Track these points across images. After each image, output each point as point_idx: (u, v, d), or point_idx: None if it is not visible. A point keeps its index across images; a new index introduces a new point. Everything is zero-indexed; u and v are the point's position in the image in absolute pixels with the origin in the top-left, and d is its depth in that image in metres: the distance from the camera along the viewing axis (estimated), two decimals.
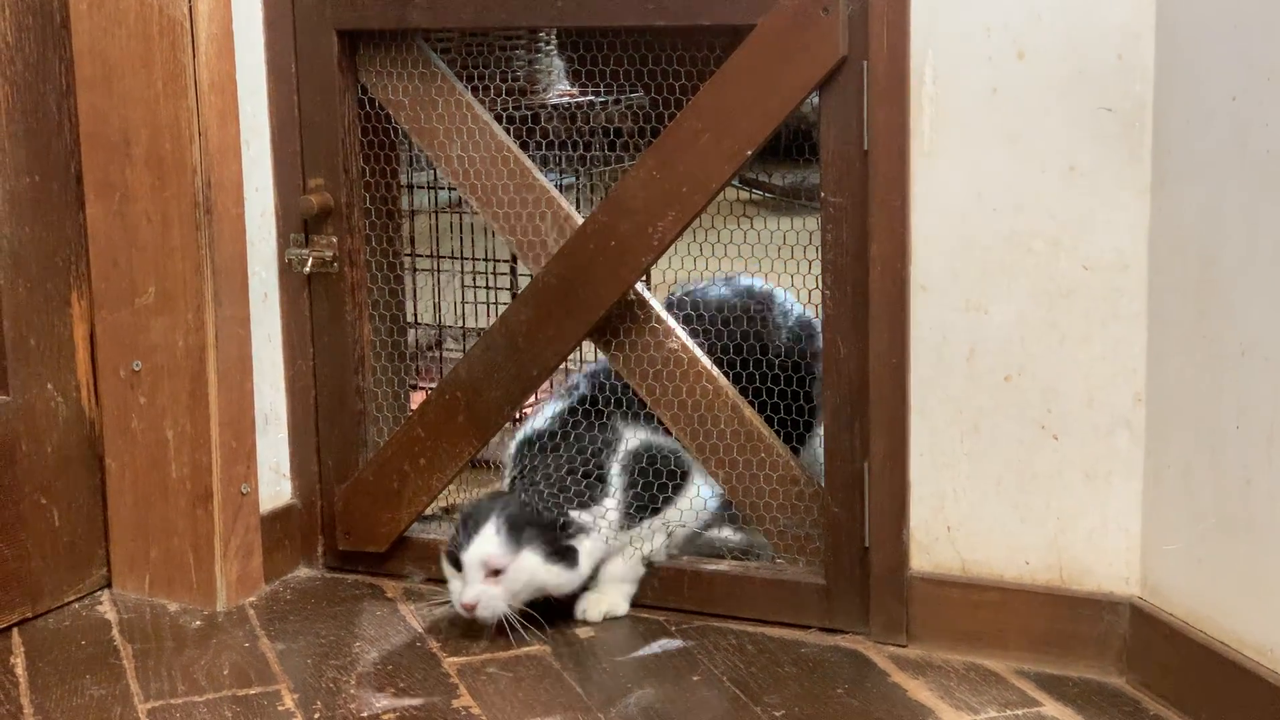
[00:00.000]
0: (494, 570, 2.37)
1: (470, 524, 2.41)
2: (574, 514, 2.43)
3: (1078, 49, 2.15)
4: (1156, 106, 2.13)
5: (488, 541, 2.37)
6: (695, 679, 2.29)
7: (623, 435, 2.53)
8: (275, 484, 2.70)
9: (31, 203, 2.47)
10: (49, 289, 2.51)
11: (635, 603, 2.52)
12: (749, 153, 2.36)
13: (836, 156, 2.31)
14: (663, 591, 2.51)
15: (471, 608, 2.37)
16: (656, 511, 2.50)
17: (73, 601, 2.59)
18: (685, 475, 2.52)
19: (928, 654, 2.34)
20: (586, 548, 2.44)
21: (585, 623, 2.47)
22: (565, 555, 2.42)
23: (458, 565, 2.40)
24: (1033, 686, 2.24)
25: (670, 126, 2.39)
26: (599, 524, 2.45)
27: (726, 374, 2.49)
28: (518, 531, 2.39)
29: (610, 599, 2.51)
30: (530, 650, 2.38)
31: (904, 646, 2.36)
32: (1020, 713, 2.16)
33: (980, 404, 2.28)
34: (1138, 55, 2.13)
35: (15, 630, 2.49)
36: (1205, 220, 2.06)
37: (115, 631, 2.49)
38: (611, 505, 2.47)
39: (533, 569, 2.39)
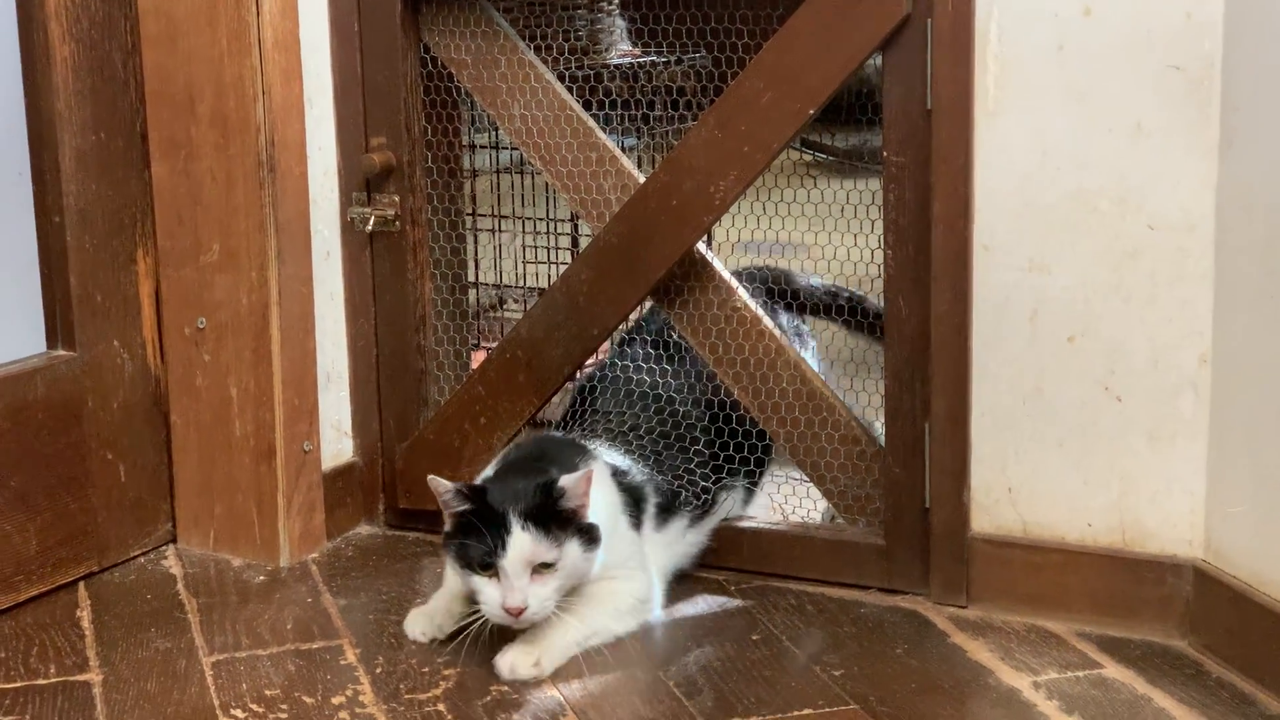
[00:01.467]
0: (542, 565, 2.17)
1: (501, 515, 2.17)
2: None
3: (1146, 6, 2.13)
4: (1225, 65, 2.11)
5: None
6: (754, 639, 2.29)
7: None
8: (337, 442, 2.72)
9: (98, 160, 2.49)
10: (115, 246, 2.54)
11: (695, 562, 2.52)
12: (811, 112, 2.35)
13: (899, 116, 2.30)
14: (722, 552, 2.51)
15: (520, 611, 2.16)
16: None
17: (138, 556, 2.62)
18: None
19: (987, 615, 2.34)
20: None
21: None
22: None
23: (487, 566, 2.17)
24: (1094, 649, 2.23)
25: (732, 86, 2.39)
26: None
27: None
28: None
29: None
30: None
31: (964, 608, 2.35)
32: (1081, 674, 2.16)
33: (1043, 365, 2.27)
34: (1206, 13, 2.11)
35: (82, 584, 2.52)
36: (1274, 179, 2.03)
37: (180, 586, 2.52)
38: None
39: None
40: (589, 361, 2.72)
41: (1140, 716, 2.04)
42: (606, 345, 2.68)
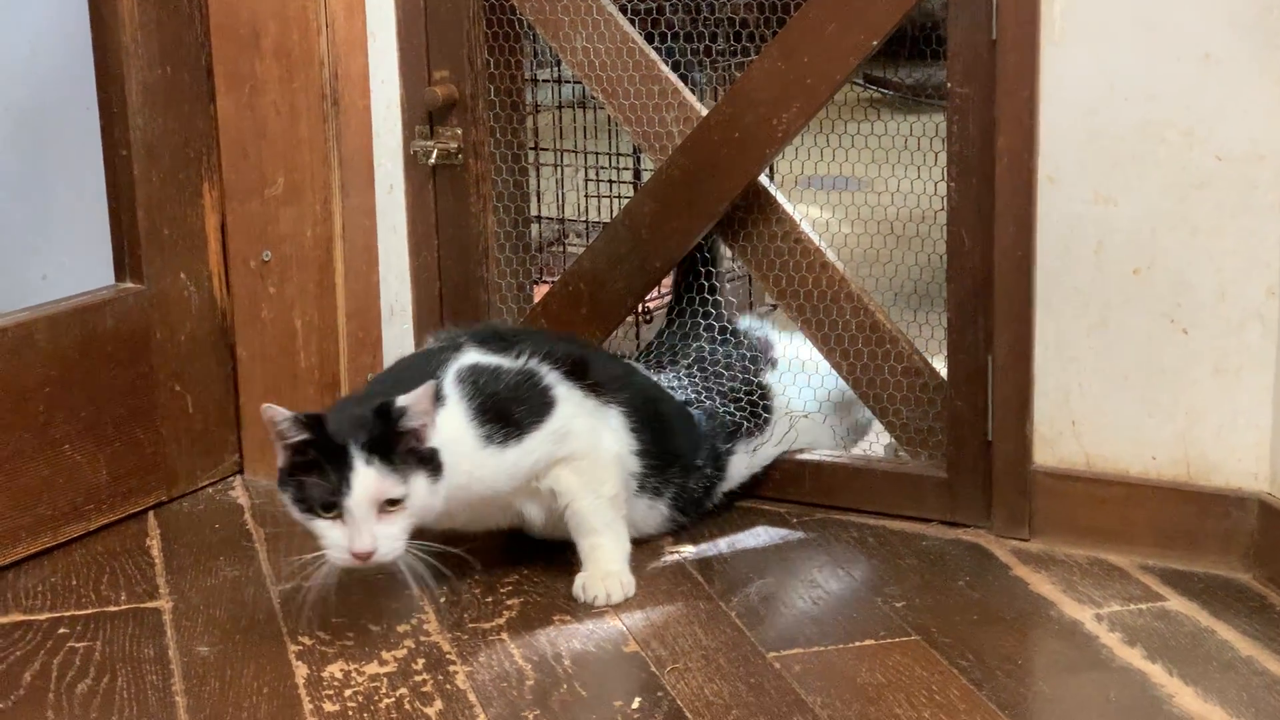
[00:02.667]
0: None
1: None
2: None
3: None
4: None
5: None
6: (816, 570, 2.30)
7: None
8: None
9: (164, 94, 2.51)
10: (181, 180, 2.56)
11: (758, 495, 2.53)
12: (874, 43, 2.33)
13: (964, 46, 2.28)
14: (784, 484, 2.52)
15: (368, 555, 2.04)
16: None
17: (206, 486, 2.65)
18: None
19: (1050, 548, 2.34)
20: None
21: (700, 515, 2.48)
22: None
23: (330, 507, 2.03)
24: (1157, 581, 2.23)
25: (795, 17, 2.37)
26: None
27: None
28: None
29: None
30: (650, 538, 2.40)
31: (1026, 540, 2.35)
32: (1144, 607, 2.15)
33: (1108, 297, 2.25)
34: None
35: (151, 513, 2.55)
36: None
37: (247, 516, 2.55)
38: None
39: None
40: (650, 295, 2.73)
41: (1203, 649, 2.04)
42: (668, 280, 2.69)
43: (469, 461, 2.12)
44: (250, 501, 2.60)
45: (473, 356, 2.21)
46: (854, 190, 2.66)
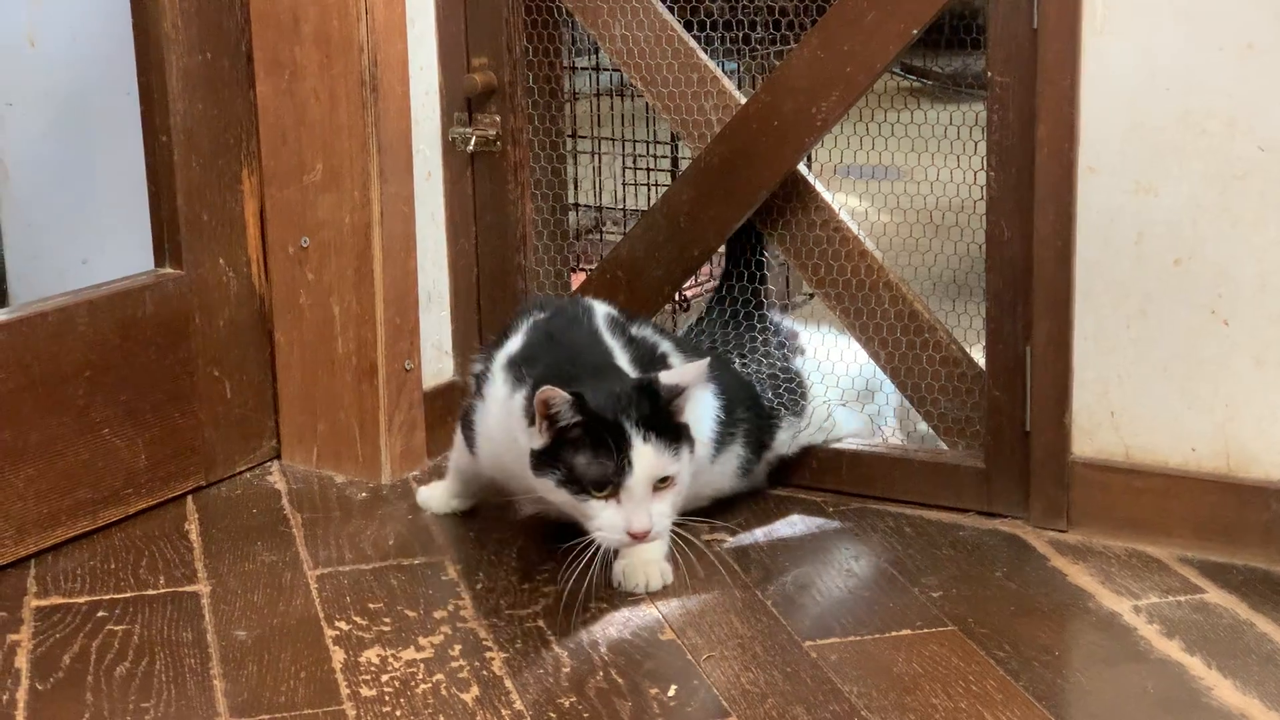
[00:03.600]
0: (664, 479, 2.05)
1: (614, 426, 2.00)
2: None
3: None
4: None
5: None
6: (852, 560, 2.30)
7: None
8: (438, 361, 2.74)
9: (204, 80, 2.52)
10: (220, 165, 2.56)
11: (794, 484, 2.52)
12: (915, 32, 2.33)
13: (1004, 35, 2.27)
14: (820, 473, 2.52)
15: (646, 533, 2.04)
16: None
17: (244, 471, 2.66)
18: None
19: (1088, 540, 2.33)
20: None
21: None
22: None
23: (603, 486, 2.02)
24: (1196, 573, 2.22)
25: (835, 5, 2.37)
26: None
27: None
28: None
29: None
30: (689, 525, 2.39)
31: (1064, 532, 2.35)
32: (1183, 599, 2.14)
33: (1148, 288, 2.24)
34: None
35: (190, 498, 2.56)
36: None
37: (285, 501, 2.56)
38: None
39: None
40: (687, 284, 2.73)
41: (1242, 641, 2.03)
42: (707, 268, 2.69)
43: None
44: (288, 486, 2.61)
45: (602, 308, 2.26)
46: (892, 179, 2.66)
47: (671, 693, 1.95)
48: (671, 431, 2.03)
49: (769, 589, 2.21)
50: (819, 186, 2.49)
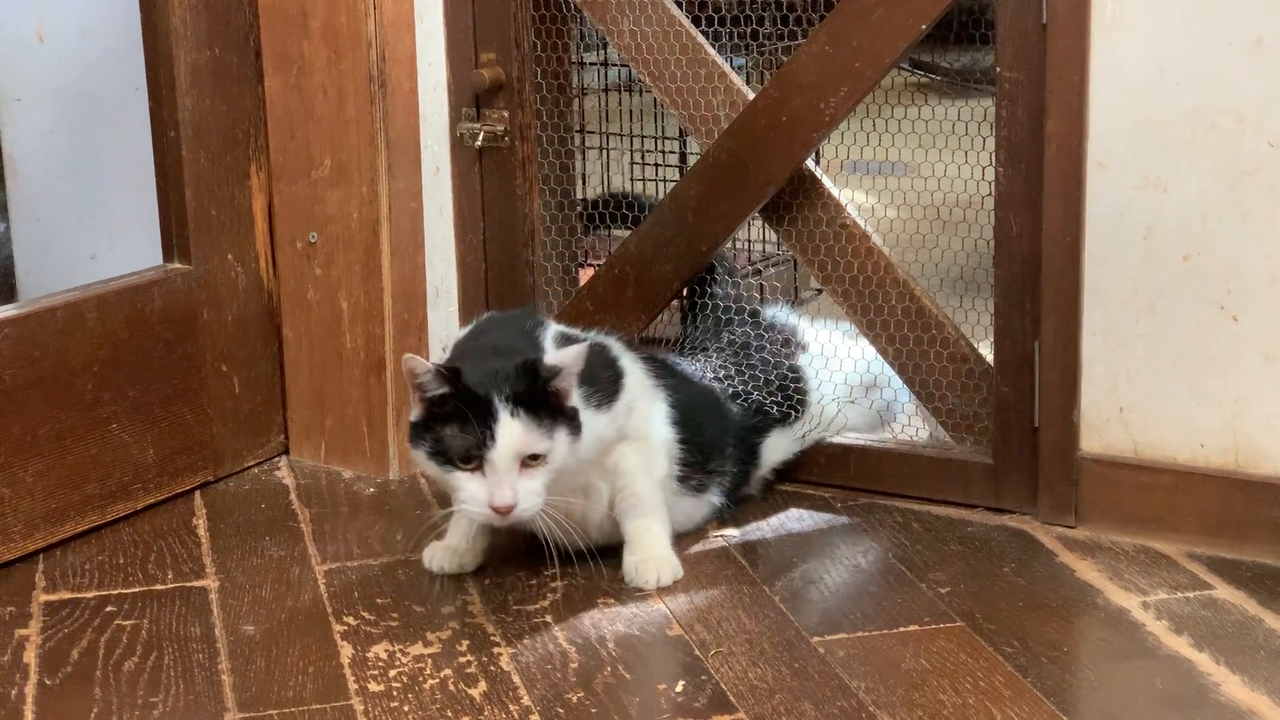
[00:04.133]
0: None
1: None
2: None
3: None
4: None
5: None
6: (860, 555, 2.30)
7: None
8: (445, 357, 2.74)
9: (212, 75, 2.52)
10: (229, 161, 2.56)
11: (802, 479, 2.52)
12: (923, 27, 2.32)
13: (1013, 30, 2.27)
14: (828, 468, 2.52)
15: (509, 509, 2.06)
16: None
17: (252, 466, 2.66)
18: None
19: (1096, 535, 2.33)
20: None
21: (746, 501, 2.48)
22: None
23: (470, 459, 2.04)
24: (1204, 569, 2.21)
25: (843, 0, 2.36)
26: None
27: None
28: None
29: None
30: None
31: (1072, 527, 2.34)
32: (1191, 595, 2.14)
33: (1157, 284, 2.24)
34: None
35: (198, 493, 2.56)
36: None
37: (293, 496, 2.56)
38: None
39: None
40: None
41: (1251, 638, 2.03)
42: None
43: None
44: (296, 482, 2.61)
45: (557, 326, 2.24)
46: (900, 175, 2.65)
47: (679, 688, 1.95)
48: (547, 410, 2.04)
49: (776, 584, 2.21)
50: (827, 182, 2.49)
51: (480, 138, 2.64)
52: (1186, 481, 2.27)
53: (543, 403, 2.05)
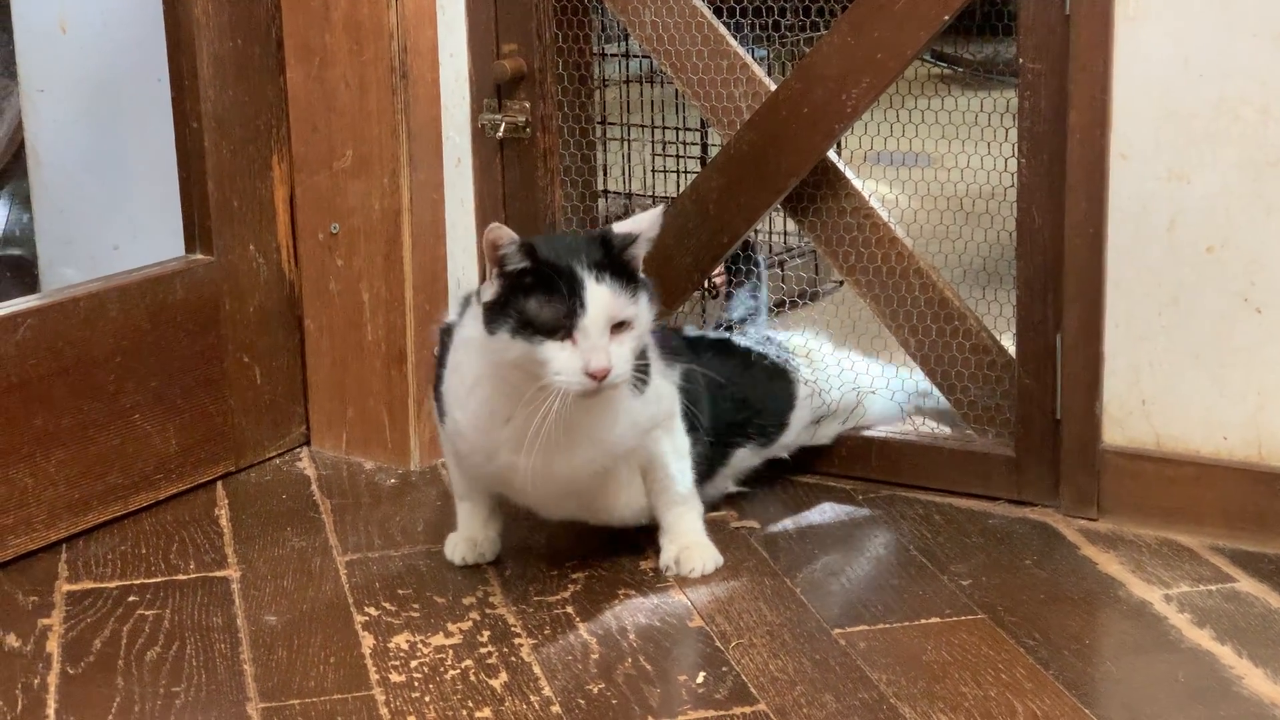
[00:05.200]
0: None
1: None
2: None
3: None
4: None
5: None
6: (882, 547, 2.30)
7: None
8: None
9: (234, 66, 2.52)
10: (251, 152, 2.57)
11: (823, 472, 2.52)
12: (946, 18, 2.32)
13: (1036, 21, 2.26)
14: (850, 461, 2.51)
15: (605, 372, 1.98)
16: None
17: (274, 457, 2.67)
18: None
19: (1118, 528, 2.32)
20: None
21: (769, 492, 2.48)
22: None
23: (556, 330, 1.97)
24: (1227, 562, 2.21)
25: None
26: None
27: None
28: None
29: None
30: (716, 515, 2.39)
31: (1094, 520, 2.34)
32: (1214, 588, 2.14)
33: (1180, 276, 2.23)
34: None
35: (220, 483, 2.57)
36: None
37: (314, 487, 2.56)
38: None
39: None
40: (716, 271, 2.72)
41: (1273, 630, 2.02)
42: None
43: None
44: (317, 472, 2.62)
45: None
46: (923, 166, 2.65)
47: (700, 680, 1.95)
48: (628, 276, 2.01)
49: (798, 576, 2.21)
50: (849, 174, 2.48)
51: (502, 129, 2.64)
52: (1209, 474, 2.26)
53: (623, 268, 2.01)
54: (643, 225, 2.04)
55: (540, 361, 1.97)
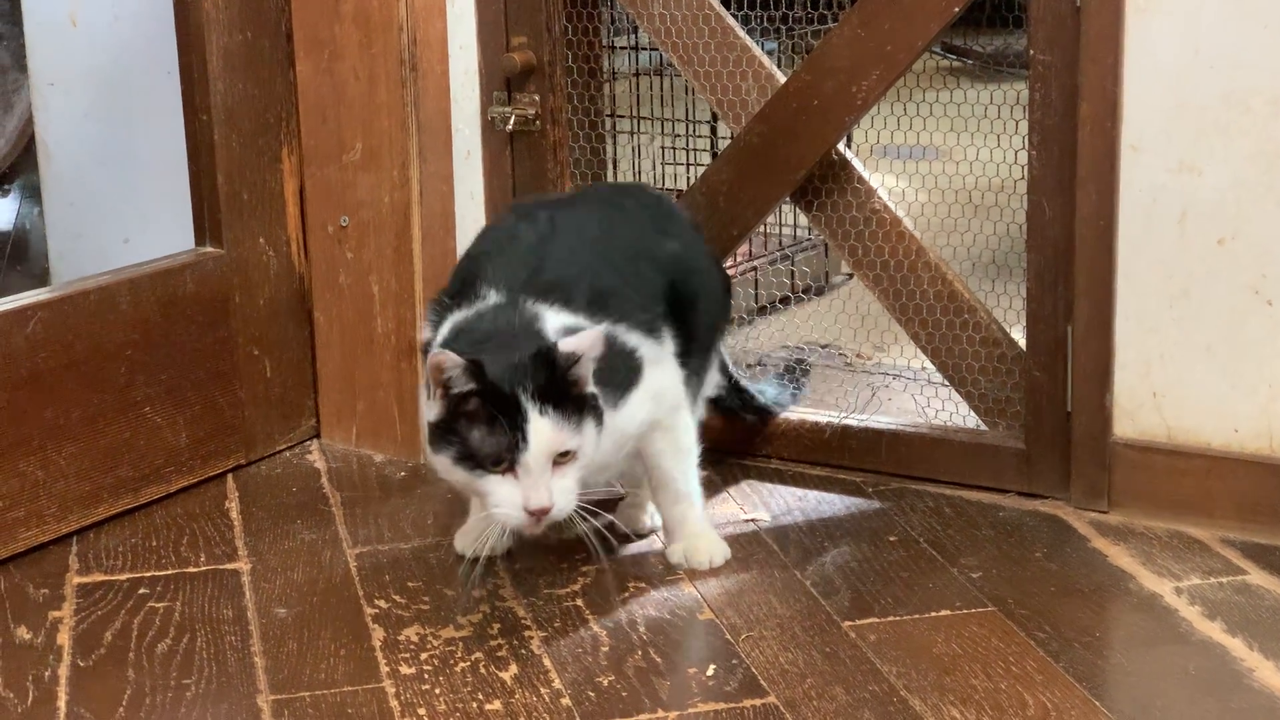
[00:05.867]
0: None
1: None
2: None
3: None
4: None
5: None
6: (891, 540, 2.29)
7: None
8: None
9: (244, 59, 2.52)
10: (260, 145, 2.57)
11: (833, 464, 2.52)
12: (956, 10, 2.31)
13: (1047, 13, 2.26)
14: (860, 453, 2.51)
15: (545, 511, 1.94)
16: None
17: (284, 450, 2.67)
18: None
19: (1129, 521, 2.32)
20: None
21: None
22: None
23: (499, 462, 1.93)
24: (1238, 555, 2.20)
25: None
26: None
27: None
28: None
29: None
30: (722, 510, 2.39)
31: (1104, 513, 2.34)
32: (1224, 580, 2.13)
33: (1191, 268, 2.23)
34: None
35: (230, 476, 2.57)
36: None
37: (324, 479, 2.56)
38: None
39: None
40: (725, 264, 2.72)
41: None
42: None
43: None
44: (327, 465, 2.62)
45: (560, 318, 2.05)
46: (932, 159, 2.65)
47: (710, 672, 1.95)
48: (573, 402, 1.93)
49: (808, 569, 2.21)
50: (859, 166, 2.48)
51: (511, 122, 2.64)
52: (1220, 466, 2.26)
53: (566, 394, 1.93)
54: (584, 346, 1.93)
55: (481, 492, 1.95)
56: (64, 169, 2.98)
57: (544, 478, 1.91)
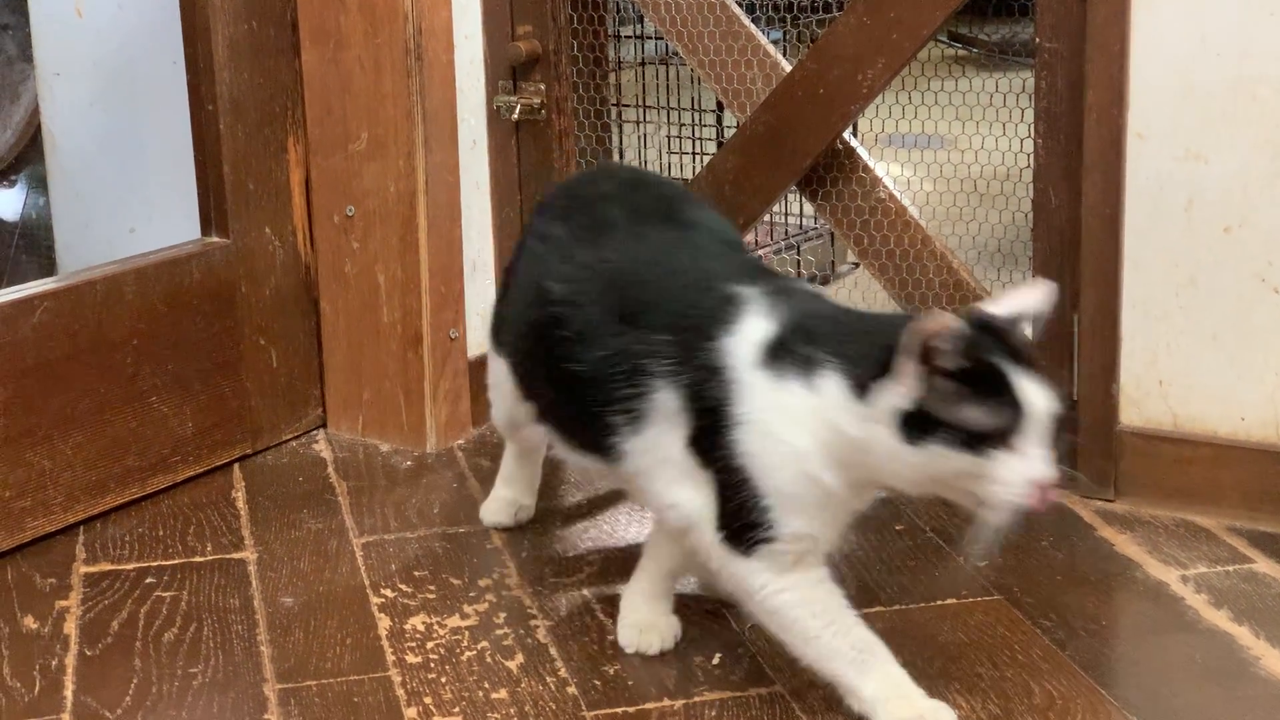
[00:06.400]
0: None
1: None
2: None
3: None
4: None
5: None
6: (898, 529, 2.29)
7: None
8: (482, 330, 2.73)
9: (249, 49, 2.52)
10: (266, 135, 2.57)
11: None
12: None
13: (1053, 1, 2.25)
14: None
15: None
16: None
17: (290, 440, 2.67)
18: None
19: (1135, 509, 2.32)
20: None
21: None
22: None
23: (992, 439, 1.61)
24: (1245, 543, 2.20)
25: None
26: None
27: None
28: None
29: None
30: None
31: (1111, 501, 2.33)
32: (1231, 569, 2.13)
33: (1198, 256, 2.22)
34: None
35: (236, 466, 2.57)
36: None
37: (330, 469, 2.56)
38: None
39: None
40: None
41: None
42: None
43: None
44: (333, 455, 2.62)
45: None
46: (938, 148, 2.64)
47: (716, 660, 1.95)
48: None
49: None
50: (864, 155, 2.48)
51: (517, 111, 2.64)
52: (1227, 455, 2.25)
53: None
54: (1030, 303, 1.71)
55: (977, 476, 1.64)
56: (70, 159, 2.98)
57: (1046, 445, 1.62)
